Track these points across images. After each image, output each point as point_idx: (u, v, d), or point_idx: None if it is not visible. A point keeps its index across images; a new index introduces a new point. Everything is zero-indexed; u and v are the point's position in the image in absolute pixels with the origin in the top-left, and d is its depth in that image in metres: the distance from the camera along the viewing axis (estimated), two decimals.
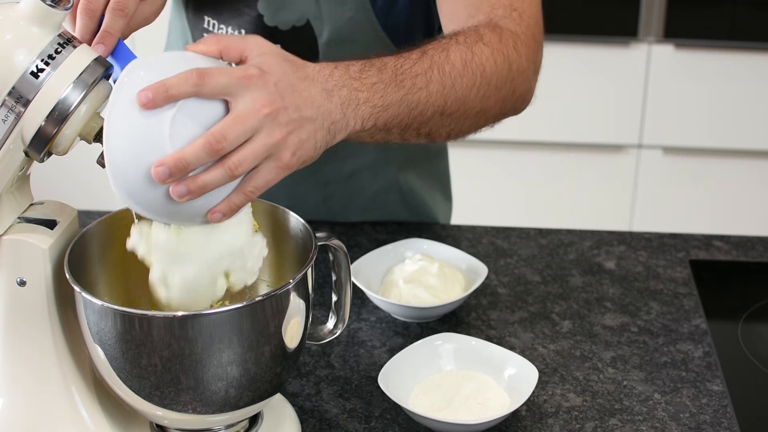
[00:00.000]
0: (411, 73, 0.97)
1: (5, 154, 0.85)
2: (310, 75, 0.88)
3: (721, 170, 2.50)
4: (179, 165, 0.80)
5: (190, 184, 0.82)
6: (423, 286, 1.16)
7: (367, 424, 1.02)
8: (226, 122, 0.82)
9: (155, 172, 0.80)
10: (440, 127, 1.04)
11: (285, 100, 0.84)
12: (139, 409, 0.90)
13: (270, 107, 0.83)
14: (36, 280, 0.89)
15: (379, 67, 0.95)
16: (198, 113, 0.82)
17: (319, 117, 0.87)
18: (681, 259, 1.31)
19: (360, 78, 0.92)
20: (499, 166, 2.55)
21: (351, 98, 0.91)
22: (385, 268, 1.22)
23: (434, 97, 0.99)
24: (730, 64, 2.39)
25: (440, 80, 1.00)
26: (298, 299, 0.88)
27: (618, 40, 2.37)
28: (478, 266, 1.20)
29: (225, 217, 0.85)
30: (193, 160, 0.81)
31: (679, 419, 1.02)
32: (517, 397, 1.01)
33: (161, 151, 0.81)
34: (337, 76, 0.91)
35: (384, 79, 0.95)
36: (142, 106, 0.80)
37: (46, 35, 0.83)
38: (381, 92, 0.94)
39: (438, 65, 1.00)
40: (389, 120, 0.96)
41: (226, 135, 0.81)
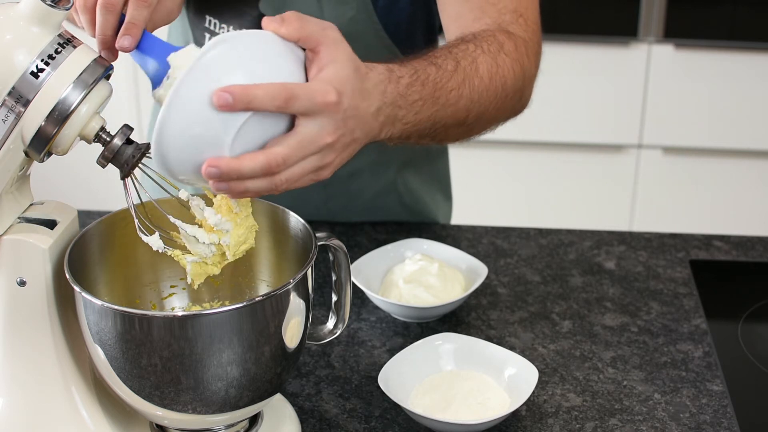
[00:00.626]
0: (446, 88, 0.98)
1: (5, 154, 0.85)
2: (370, 92, 0.89)
3: (721, 170, 2.50)
4: (232, 174, 0.81)
5: (233, 186, 0.82)
6: (423, 286, 1.16)
7: (367, 424, 1.02)
8: (291, 146, 0.82)
9: (206, 171, 0.80)
10: (454, 135, 1.06)
11: (346, 127, 0.86)
12: (139, 409, 0.90)
13: (333, 137, 0.85)
14: (36, 280, 0.89)
15: (423, 81, 0.96)
16: (266, 126, 0.82)
17: (364, 137, 0.89)
18: (681, 259, 1.31)
19: (406, 95, 0.93)
20: (499, 166, 2.55)
21: (392, 116, 0.92)
22: (385, 268, 1.22)
23: (459, 112, 1.01)
24: (730, 64, 2.39)
25: (469, 96, 1.01)
26: (298, 299, 0.88)
27: (618, 40, 2.38)
28: (478, 266, 1.20)
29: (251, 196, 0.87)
30: (247, 173, 0.81)
31: (679, 419, 1.02)
32: (517, 397, 1.01)
33: (218, 150, 0.81)
34: (389, 93, 0.91)
35: (424, 96, 0.96)
36: (219, 107, 0.79)
37: (46, 35, 0.83)
38: (417, 110, 0.95)
39: (469, 80, 1.01)
40: (413, 133, 0.97)
41: (286, 161, 0.82)
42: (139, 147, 0.86)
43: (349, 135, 0.87)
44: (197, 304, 1.02)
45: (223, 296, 1.02)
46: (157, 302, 1.01)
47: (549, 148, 2.52)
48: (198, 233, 0.88)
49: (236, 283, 1.01)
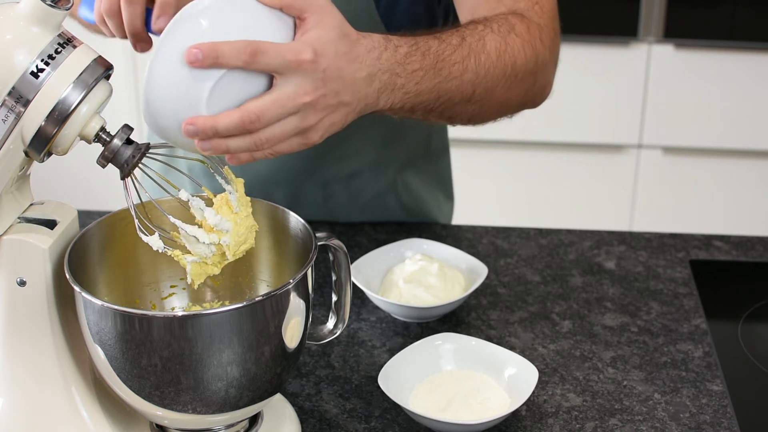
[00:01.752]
0: (450, 60, 0.98)
1: (5, 154, 0.85)
2: (359, 56, 0.89)
3: (721, 170, 2.50)
4: (208, 131, 0.83)
5: (215, 143, 0.84)
6: (423, 286, 1.16)
7: (367, 424, 1.02)
8: (265, 102, 0.83)
9: (185, 128, 0.83)
10: (463, 112, 1.04)
11: (327, 87, 0.86)
12: (139, 409, 0.90)
13: (312, 96, 0.85)
14: (36, 280, 0.89)
15: (423, 52, 0.95)
16: (241, 84, 0.83)
17: (355, 101, 0.89)
18: (681, 259, 1.31)
19: (404, 63, 0.93)
20: (499, 166, 2.55)
21: (389, 84, 0.92)
22: (385, 268, 1.22)
23: (465, 85, 1.00)
24: (730, 64, 2.39)
25: (475, 70, 1.00)
26: (298, 299, 0.88)
27: (618, 40, 2.38)
28: (478, 266, 1.20)
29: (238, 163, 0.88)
30: (222, 130, 0.83)
31: (679, 419, 1.02)
32: (517, 397, 1.01)
33: (195, 110, 0.83)
34: (384, 59, 0.91)
35: (425, 66, 0.95)
36: (189, 63, 0.81)
37: (46, 35, 0.83)
38: (417, 80, 0.95)
39: (475, 54, 1.00)
40: (417, 104, 0.97)
41: (261, 116, 0.83)
42: (139, 147, 0.86)
43: (334, 97, 0.86)
44: (197, 304, 1.02)
45: (223, 296, 1.02)
46: (157, 302, 1.01)
47: (549, 148, 2.52)
48: (198, 233, 0.88)
49: (236, 283, 1.01)
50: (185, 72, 0.82)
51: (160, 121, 0.84)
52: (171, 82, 0.82)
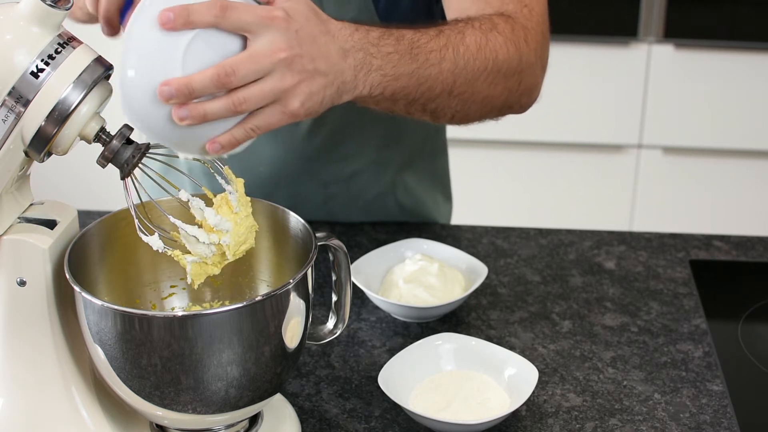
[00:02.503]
0: (426, 48, 0.98)
1: (5, 154, 0.85)
2: (331, 31, 0.89)
3: (721, 170, 2.50)
4: (184, 89, 0.82)
5: (192, 109, 0.83)
6: (423, 286, 1.16)
7: (367, 424, 1.02)
8: (240, 57, 0.83)
9: (160, 90, 0.82)
10: (446, 107, 1.04)
11: (302, 48, 0.85)
12: (139, 409, 0.90)
13: (287, 52, 0.84)
14: (36, 280, 0.89)
15: (397, 37, 0.96)
16: (215, 44, 0.83)
17: (331, 73, 0.88)
18: (681, 259, 1.31)
19: (377, 45, 0.93)
20: (499, 166, 2.55)
21: (365, 62, 0.92)
22: (385, 268, 1.22)
23: (445, 75, 1.00)
24: (730, 64, 2.39)
25: (453, 60, 1.00)
26: (298, 299, 0.88)
27: (618, 40, 2.37)
28: (478, 266, 1.20)
29: (224, 150, 0.86)
30: (198, 87, 0.82)
31: (679, 419, 1.02)
32: (517, 397, 1.01)
33: (171, 73, 0.82)
34: (356, 38, 0.92)
35: (400, 50, 0.95)
36: (162, 25, 0.81)
37: (46, 35, 0.83)
38: (394, 62, 0.95)
39: (453, 45, 1.01)
40: (397, 91, 0.96)
41: (236, 70, 0.82)
42: (139, 147, 0.86)
43: (309, 62, 0.86)
44: (197, 304, 1.02)
45: (223, 296, 1.02)
46: (157, 302, 1.01)
47: (549, 148, 2.52)
48: (198, 233, 0.88)
49: (236, 283, 1.01)
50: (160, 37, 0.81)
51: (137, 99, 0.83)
52: (145, 48, 0.82)
